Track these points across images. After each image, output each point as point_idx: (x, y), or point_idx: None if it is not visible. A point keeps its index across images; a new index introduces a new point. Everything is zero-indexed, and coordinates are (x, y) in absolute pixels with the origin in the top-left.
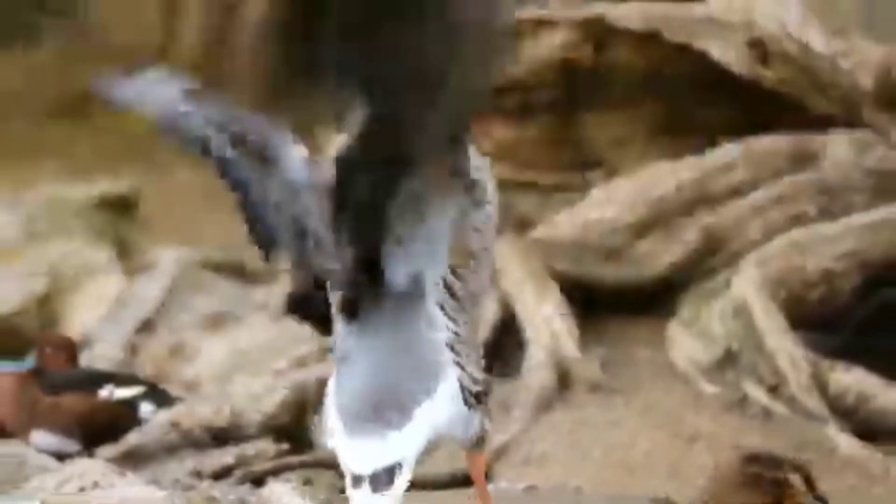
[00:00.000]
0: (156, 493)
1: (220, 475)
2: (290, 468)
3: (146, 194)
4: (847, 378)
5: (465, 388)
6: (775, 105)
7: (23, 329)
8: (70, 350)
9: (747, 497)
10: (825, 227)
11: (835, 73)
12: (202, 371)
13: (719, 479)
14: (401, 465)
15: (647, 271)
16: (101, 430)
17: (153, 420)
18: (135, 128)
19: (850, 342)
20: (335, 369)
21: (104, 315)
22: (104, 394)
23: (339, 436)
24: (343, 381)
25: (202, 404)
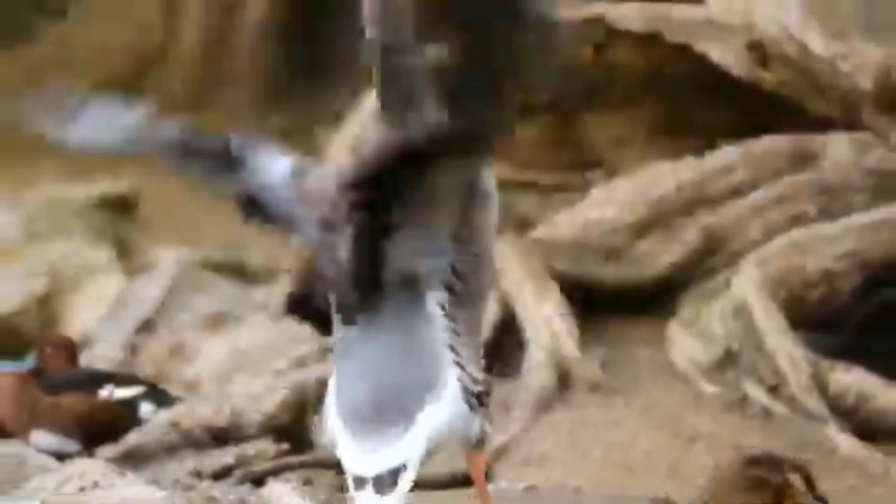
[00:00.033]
0: (156, 494)
1: (220, 475)
2: (290, 468)
3: (146, 194)
4: (847, 378)
5: (465, 389)
6: (775, 107)
7: (23, 329)
8: (70, 350)
9: (747, 498)
10: (825, 227)
11: (834, 76)
12: (202, 371)
13: (719, 479)
14: (404, 467)
15: (647, 271)
16: (101, 430)
17: (153, 420)
18: None
19: (850, 342)
20: (335, 369)
21: (104, 315)
22: (104, 394)
23: (341, 437)
24: (344, 382)
25: (202, 404)
